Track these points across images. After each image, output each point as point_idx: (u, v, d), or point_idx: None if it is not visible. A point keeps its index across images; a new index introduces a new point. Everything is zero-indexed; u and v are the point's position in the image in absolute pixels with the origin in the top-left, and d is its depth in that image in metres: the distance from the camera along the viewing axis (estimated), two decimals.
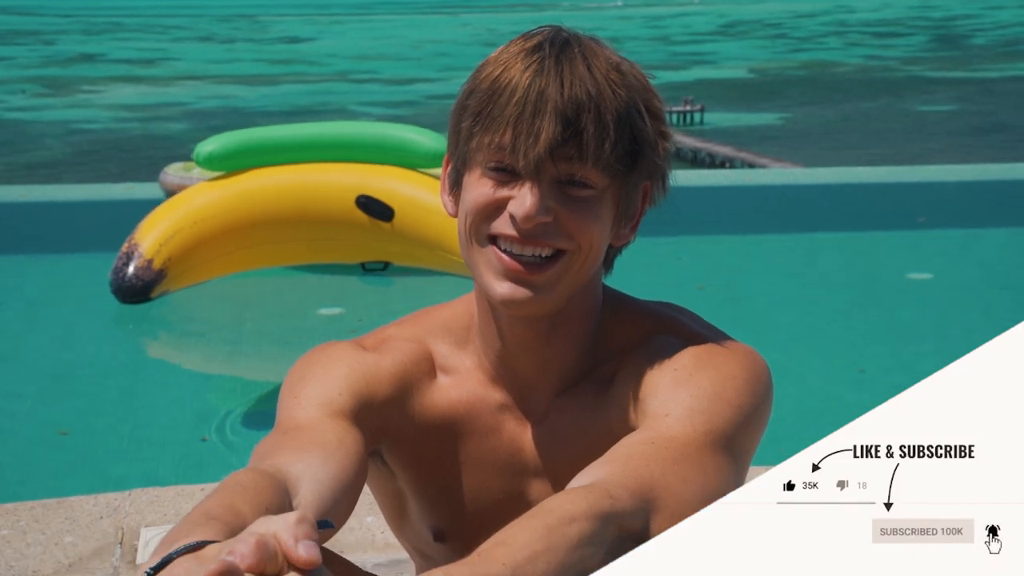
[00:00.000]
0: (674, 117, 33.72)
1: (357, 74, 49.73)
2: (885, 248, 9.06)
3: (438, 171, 7.68)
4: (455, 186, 1.48)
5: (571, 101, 1.35)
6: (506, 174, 1.38)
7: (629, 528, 1.24)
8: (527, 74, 1.37)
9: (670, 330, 1.51)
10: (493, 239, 1.40)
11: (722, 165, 25.81)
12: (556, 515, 1.17)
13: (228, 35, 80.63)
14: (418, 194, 6.92)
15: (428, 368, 1.54)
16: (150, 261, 6.51)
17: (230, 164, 6.95)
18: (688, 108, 34.69)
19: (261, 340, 6.95)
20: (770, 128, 33.40)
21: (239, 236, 6.79)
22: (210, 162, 6.84)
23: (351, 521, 3.25)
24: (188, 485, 3.38)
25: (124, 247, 6.56)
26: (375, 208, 6.90)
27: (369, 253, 7.28)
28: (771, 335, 6.71)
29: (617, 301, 1.55)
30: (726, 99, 38.64)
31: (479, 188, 1.40)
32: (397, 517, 1.64)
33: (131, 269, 6.44)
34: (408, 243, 7.03)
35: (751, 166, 24.08)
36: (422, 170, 7.08)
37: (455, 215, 1.47)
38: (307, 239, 7.03)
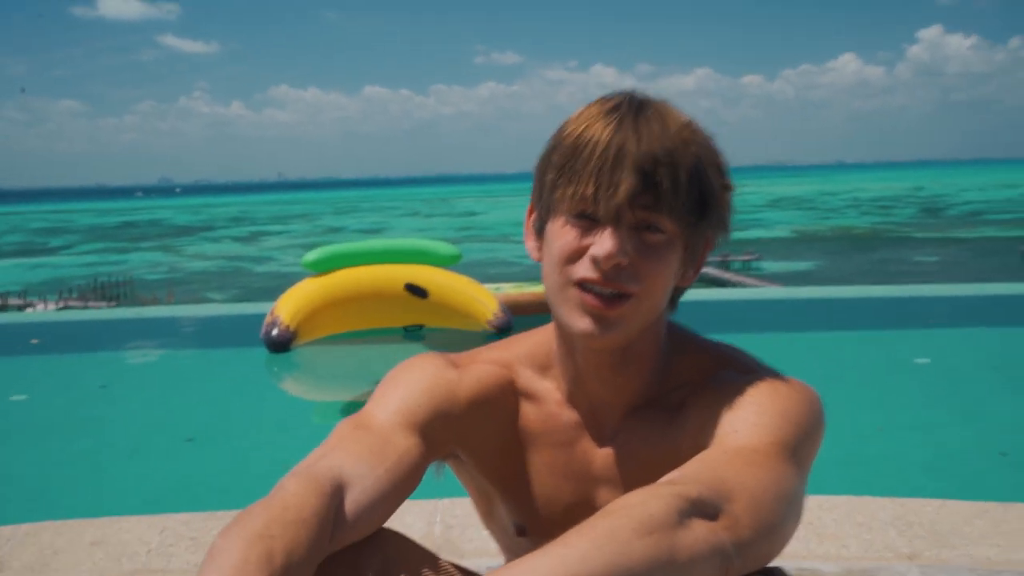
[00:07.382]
0: (738, 264, 33.66)
1: (515, 236, 50.23)
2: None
3: (454, 267, 6.93)
4: (539, 233, 1.11)
5: (648, 155, 1.01)
6: (588, 221, 1.04)
7: (706, 515, 0.89)
8: (607, 131, 1.03)
9: (732, 365, 1.12)
10: (576, 283, 1.04)
11: None
12: (617, 507, 0.87)
13: (428, 212, 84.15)
14: (444, 281, 7.80)
15: (510, 389, 1.19)
16: (288, 326, 7.20)
17: (325, 266, 7.77)
18: (748, 257, 34.62)
19: None
20: (808, 272, 32.46)
21: (335, 311, 7.56)
22: (313, 265, 7.75)
23: (469, 531, 2.69)
24: None
25: (268, 319, 7.26)
26: (417, 290, 7.67)
27: (412, 319, 7.96)
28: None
29: (682, 337, 1.17)
30: (777, 252, 38.07)
31: (564, 236, 1.06)
32: (485, 511, 1.28)
33: (275, 331, 7.16)
34: (438, 312, 7.84)
35: None
36: (444, 267, 8.01)
37: (539, 259, 1.12)
38: (375, 312, 7.78)
